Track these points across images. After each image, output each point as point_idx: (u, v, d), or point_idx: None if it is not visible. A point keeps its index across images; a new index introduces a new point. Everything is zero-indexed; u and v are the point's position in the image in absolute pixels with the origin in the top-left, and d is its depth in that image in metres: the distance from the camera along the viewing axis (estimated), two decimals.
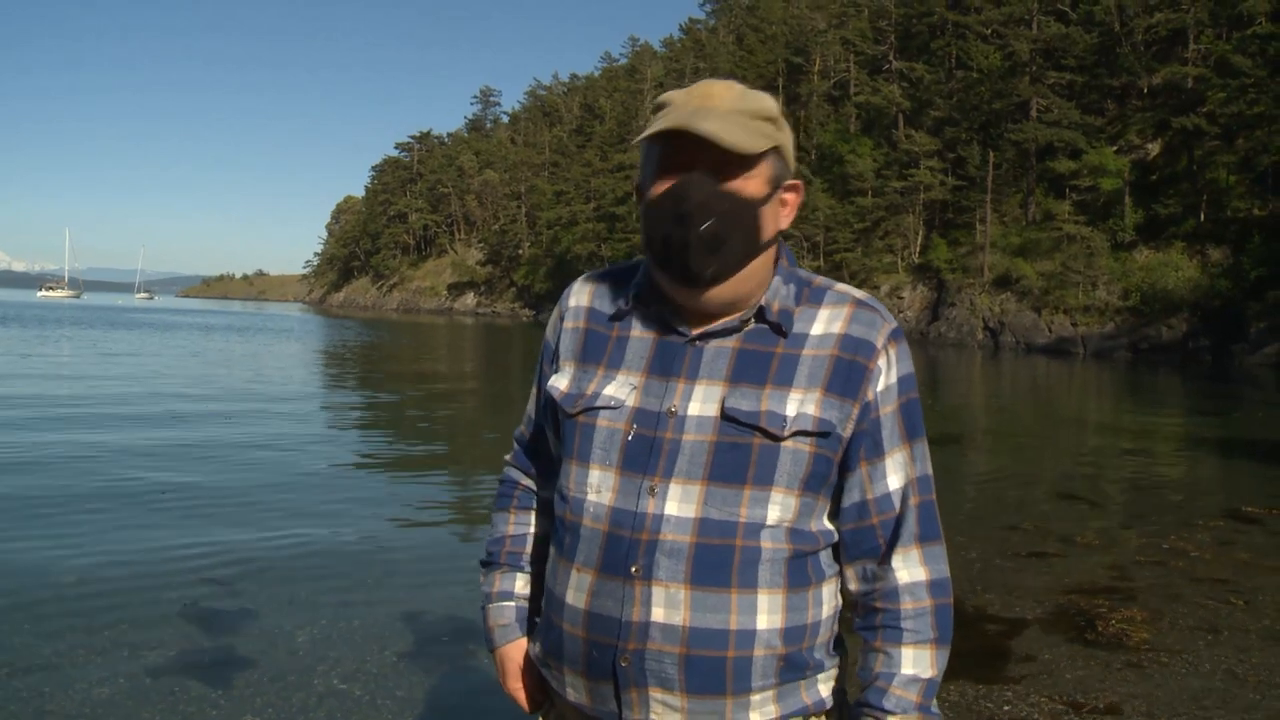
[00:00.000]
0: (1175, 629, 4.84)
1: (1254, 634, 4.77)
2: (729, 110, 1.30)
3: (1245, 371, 31.45)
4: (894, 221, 56.02)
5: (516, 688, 1.55)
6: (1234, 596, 5.39)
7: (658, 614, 1.28)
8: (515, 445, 1.63)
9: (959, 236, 53.42)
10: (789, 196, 1.39)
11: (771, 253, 1.38)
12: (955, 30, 58.66)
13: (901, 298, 53.01)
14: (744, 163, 1.30)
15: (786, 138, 1.36)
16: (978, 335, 47.16)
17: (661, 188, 1.32)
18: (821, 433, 1.31)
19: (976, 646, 4.53)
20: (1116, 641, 4.62)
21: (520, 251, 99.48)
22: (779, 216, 1.37)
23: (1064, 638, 4.70)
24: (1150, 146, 48.79)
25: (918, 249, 55.30)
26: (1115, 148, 49.16)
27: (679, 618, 1.27)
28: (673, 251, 1.32)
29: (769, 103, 1.35)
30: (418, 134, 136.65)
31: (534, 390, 1.58)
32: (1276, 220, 38.92)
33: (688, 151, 1.29)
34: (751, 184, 1.31)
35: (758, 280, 1.36)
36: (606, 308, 1.46)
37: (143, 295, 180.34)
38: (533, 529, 1.59)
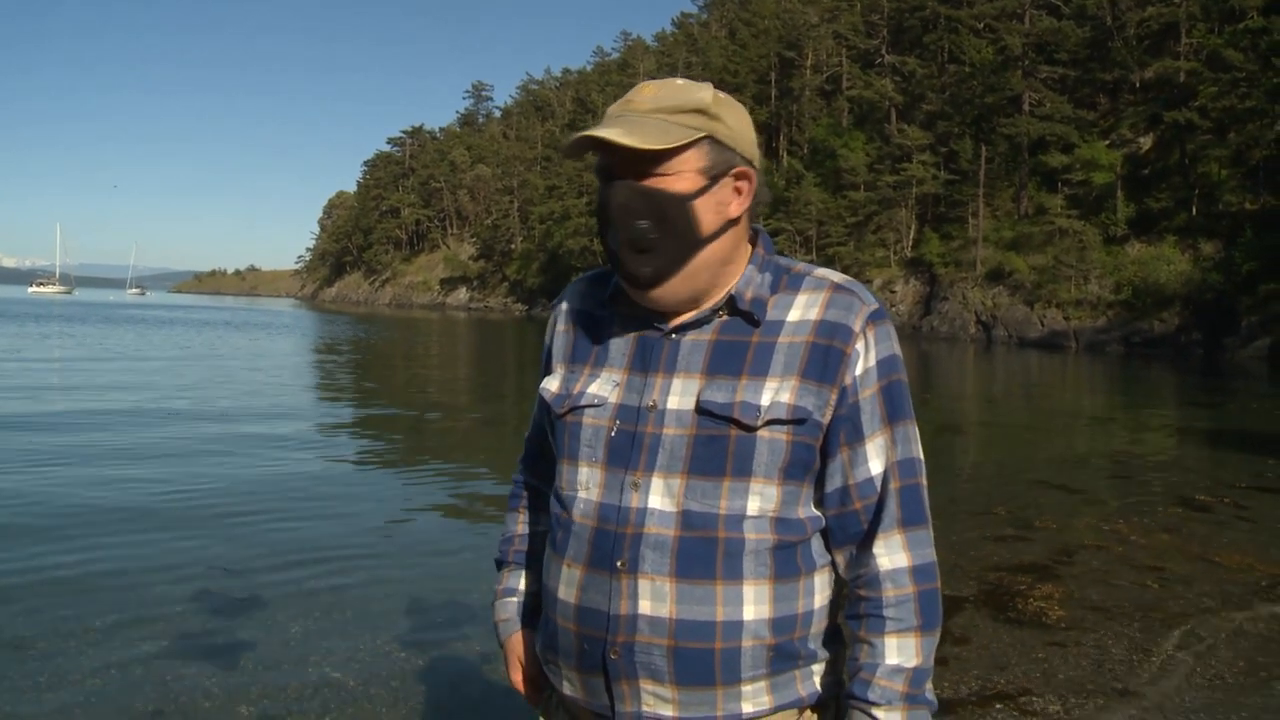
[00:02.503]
0: (1085, 608, 4.88)
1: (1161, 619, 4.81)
2: (647, 110, 1.30)
3: (1237, 365, 31.53)
4: (886, 215, 56.06)
5: (516, 678, 1.58)
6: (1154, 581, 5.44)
7: (644, 606, 1.29)
8: (525, 448, 1.67)
9: (951, 230, 53.48)
10: (741, 184, 1.35)
11: (729, 243, 1.36)
12: (948, 24, 58.67)
13: (894, 292, 53.07)
14: (661, 160, 1.29)
15: (726, 126, 1.32)
16: (970, 329, 47.26)
17: (598, 197, 1.36)
18: (797, 420, 1.30)
19: None
20: (1035, 619, 4.73)
21: (513, 246, 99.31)
22: (725, 207, 1.34)
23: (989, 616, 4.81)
24: (1142, 140, 48.88)
25: (910, 243, 55.35)
26: (1107, 142, 49.24)
27: (665, 610, 1.28)
28: (611, 256, 1.35)
29: (699, 95, 1.32)
30: (410, 129, 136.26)
31: (538, 394, 1.61)
32: (1268, 214, 39.02)
33: (609, 158, 1.32)
34: (678, 180, 1.30)
35: (713, 273, 1.35)
36: (593, 308, 1.48)
37: (135, 291, 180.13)
38: (539, 528, 1.61)
